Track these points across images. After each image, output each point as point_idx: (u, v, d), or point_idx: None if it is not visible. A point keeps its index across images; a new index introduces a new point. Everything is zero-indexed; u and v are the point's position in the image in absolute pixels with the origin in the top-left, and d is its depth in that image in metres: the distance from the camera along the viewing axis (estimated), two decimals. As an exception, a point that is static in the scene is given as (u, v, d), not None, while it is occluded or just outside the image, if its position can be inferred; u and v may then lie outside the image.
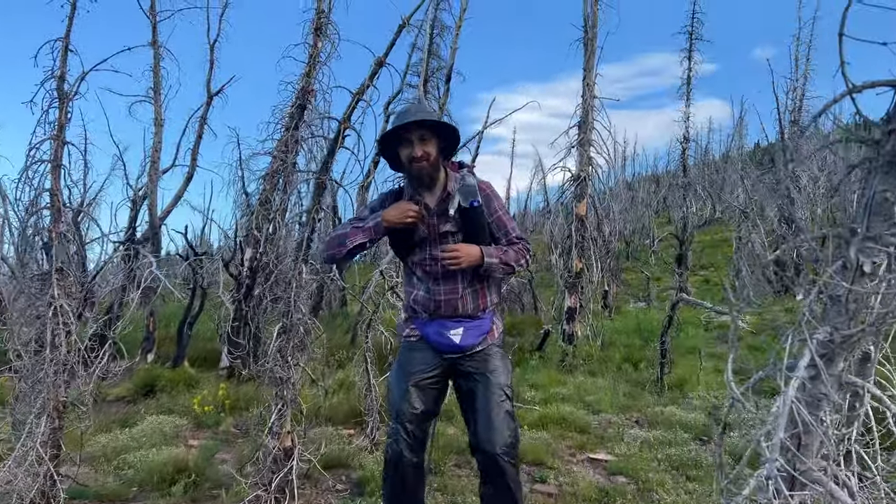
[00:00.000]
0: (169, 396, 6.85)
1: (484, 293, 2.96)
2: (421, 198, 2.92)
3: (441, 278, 2.91)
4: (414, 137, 2.81)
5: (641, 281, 27.07)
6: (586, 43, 10.24)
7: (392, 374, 3.00)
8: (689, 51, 19.74)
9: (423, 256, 2.94)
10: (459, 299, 2.90)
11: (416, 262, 2.99)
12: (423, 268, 2.95)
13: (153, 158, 9.33)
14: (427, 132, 2.83)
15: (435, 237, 2.91)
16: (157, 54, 9.13)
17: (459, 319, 2.90)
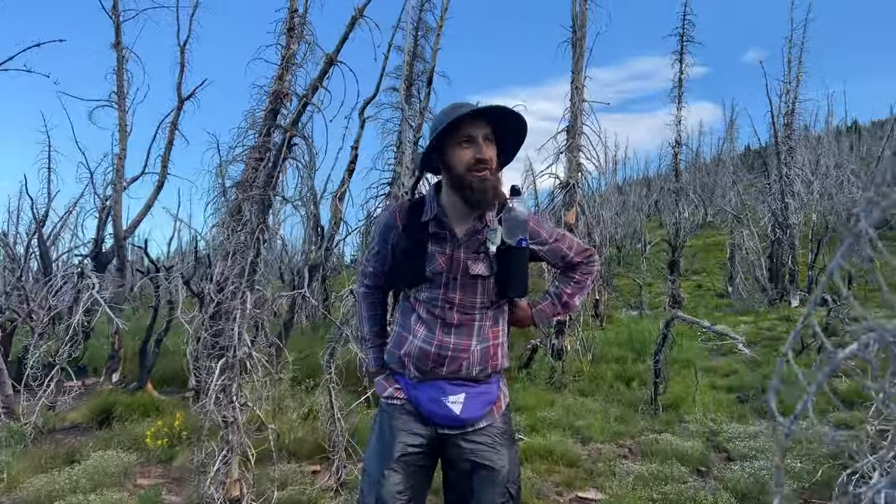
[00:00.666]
0: (123, 426, 6.32)
1: (496, 352, 2.31)
2: (447, 222, 2.25)
3: (454, 327, 2.23)
4: (479, 135, 2.14)
5: (633, 287, 26.72)
6: (574, 44, 9.80)
7: (368, 449, 2.33)
8: (681, 53, 19.36)
9: (436, 296, 2.24)
10: (468, 357, 2.23)
11: (421, 299, 2.27)
12: (432, 310, 2.25)
13: (117, 167, 8.81)
14: (489, 130, 2.18)
15: (456, 275, 2.24)
16: (120, 56, 8.62)
17: (461, 383, 2.25)
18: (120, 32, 8.56)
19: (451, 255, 2.22)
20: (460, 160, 2.15)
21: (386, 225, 2.37)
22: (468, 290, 2.23)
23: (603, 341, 11.37)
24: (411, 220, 2.29)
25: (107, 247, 9.87)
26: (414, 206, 2.33)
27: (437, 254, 2.23)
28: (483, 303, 2.26)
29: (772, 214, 17.96)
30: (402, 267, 2.29)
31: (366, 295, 2.52)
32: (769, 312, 15.88)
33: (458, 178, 2.16)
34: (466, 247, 2.23)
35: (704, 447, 5.79)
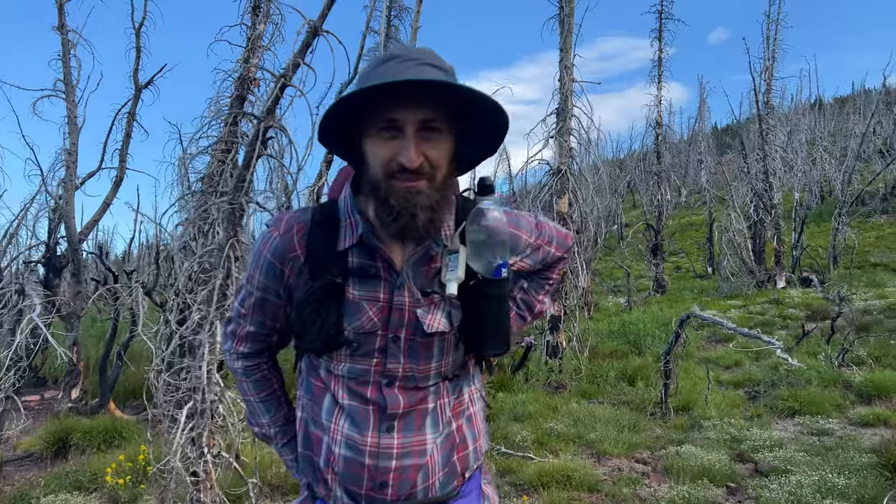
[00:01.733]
0: (81, 460, 5.61)
1: (466, 437, 1.47)
2: (379, 246, 1.32)
3: (398, 418, 1.35)
4: (411, 122, 1.22)
5: (612, 270, 26.41)
6: (562, 20, 9.17)
7: None
8: (660, 31, 18.87)
9: (365, 369, 1.35)
10: (424, 465, 1.36)
11: (340, 373, 1.37)
12: (359, 391, 1.36)
13: (67, 164, 7.98)
14: (440, 117, 1.25)
15: (399, 334, 1.35)
16: (65, 41, 7.76)
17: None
18: (63, 13, 7.69)
19: (387, 302, 1.33)
20: (375, 157, 1.26)
21: (275, 253, 1.38)
22: (419, 355, 1.36)
23: (594, 333, 10.87)
24: (318, 245, 1.36)
25: (61, 249, 9.04)
26: (321, 220, 1.37)
27: (365, 301, 1.33)
28: (441, 371, 1.40)
29: (755, 195, 17.62)
30: (305, 324, 1.34)
31: (247, 371, 1.53)
32: (757, 295, 15.56)
33: (370, 182, 1.28)
34: (413, 284, 1.35)
35: (730, 459, 5.29)
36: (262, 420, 1.57)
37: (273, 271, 1.38)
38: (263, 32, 8.11)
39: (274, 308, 1.44)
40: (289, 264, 1.36)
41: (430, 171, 1.24)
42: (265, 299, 1.43)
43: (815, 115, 45.86)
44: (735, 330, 5.62)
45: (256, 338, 1.50)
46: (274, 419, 1.57)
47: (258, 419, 1.57)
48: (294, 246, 1.36)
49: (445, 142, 1.27)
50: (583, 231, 9.29)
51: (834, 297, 11.95)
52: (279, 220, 1.41)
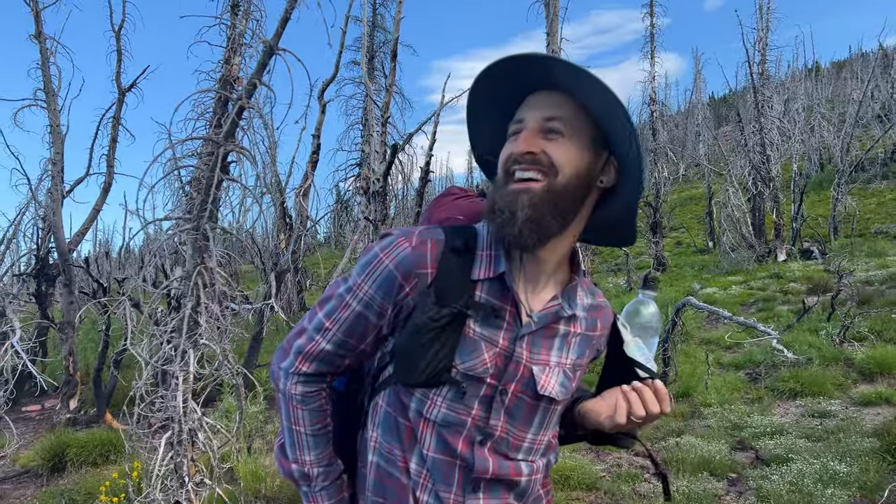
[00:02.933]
0: (77, 476, 5.57)
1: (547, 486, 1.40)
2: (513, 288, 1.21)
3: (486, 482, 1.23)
4: (533, 117, 1.17)
5: (609, 248, 26.26)
6: (548, 4, 9.01)
7: None
8: (651, 6, 18.61)
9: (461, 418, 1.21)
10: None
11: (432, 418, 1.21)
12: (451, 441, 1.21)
13: (53, 173, 7.87)
14: (570, 118, 1.16)
15: (507, 387, 1.22)
16: (43, 49, 7.62)
17: None
18: (40, 21, 7.53)
19: (505, 350, 1.21)
20: (501, 159, 1.20)
21: (401, 265, 1.19)
22: (520, 418, 1.24)
23: (595, 317, 10.79)
24: (453, 268, 1.20)
25: (53, 259, 8.98)
26: (459, 244, 1.22)
27: (484, 342, 1.20)
28: (535, 447, 1.28)
29: (752, 167, 17.47)
30: (415, 352, 1.17)
31: (307, 398, 1.29)
32: (758, 270, 15.46)
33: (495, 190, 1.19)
34: (536, 339, 1.23)
35: (730, 448, 5.24)
36: (305, 457, 1.31)
37: (391, 284, 1.19)
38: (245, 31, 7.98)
39: (366, 327, 1.24)
40: (413, 281, 1.18)
41: (547, 168, 1.13)
42: (363, 315, 1.23)
43: (812, 81, 45.50)
44: (731, 319, 5.55)
45: (329, 358, 1.27)
46: (320, 458, 1.32)
47: (300, 455, 1.31)
48: (426, 262, 1.19)
49: (573, 146, 1.15)
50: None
51: (834, 269, 11.87)
52: (409, 232, 1.23)
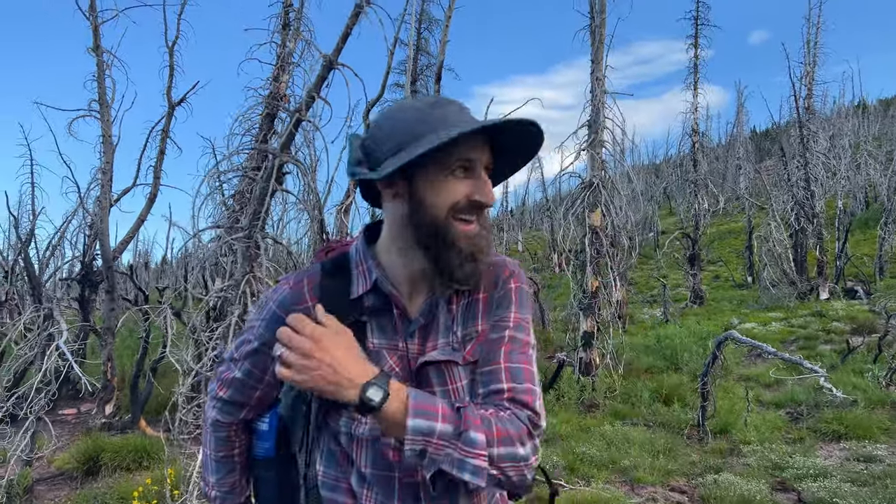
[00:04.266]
0: (111, 480, 5.64)
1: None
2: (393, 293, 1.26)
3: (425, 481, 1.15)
4: (481, 161, 1.22)
5: (648, 280, 25.95)
6: (593, 31, 9.02)
7: None
8: (695, 37, 18.51)
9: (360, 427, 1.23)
10: None
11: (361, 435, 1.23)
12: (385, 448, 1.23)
13: (102, 182, 8.09)
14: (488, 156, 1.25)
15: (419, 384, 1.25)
16: (100, 61, 7.88)
17: None
18: (98, 35, 7.81)
19: (405, 351, 1.26)
20: (445, 196, 1.19)
21: (282, 305, 1.29)
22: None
23: (629, 347, 10.64)
24: (330, 293, 1.27)
25: (97, 265, 9.19)
26: (332, 270, 1.31)
27: (385, 350, 1.26)
28: None
29: (795, 203, 17.13)
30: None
31: (217, 425, 1.42)
32: (799, 308, 15.08)
33: (432, 224, 1.19)
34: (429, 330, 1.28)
35: (771, 488, 5.07)
36: (209, 477, 1.48)
37: (276, 323, 1.18)
38: (294, 49, 8.13)
39: (265, 361, 1.30)
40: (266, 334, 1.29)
41: (487, 213, 1.25)
42: (259, 351, 1.31)
43: (859, 118, 44.67)
44: (776, 354, 5.40)
45: (239, 387, 1.36)
46: (220, 482, 1.47)
47: (206, 475, 1.49)
48: (304, 298, 1.27)
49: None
50: (616, 244, 9.10)
51: (881, 310, 11.52)
52: (290, 276, 1.37)
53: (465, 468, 1.07)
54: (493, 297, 1.30)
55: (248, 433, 1.47)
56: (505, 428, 1.12)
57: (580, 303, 8.97)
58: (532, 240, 43.20)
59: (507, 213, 44.99)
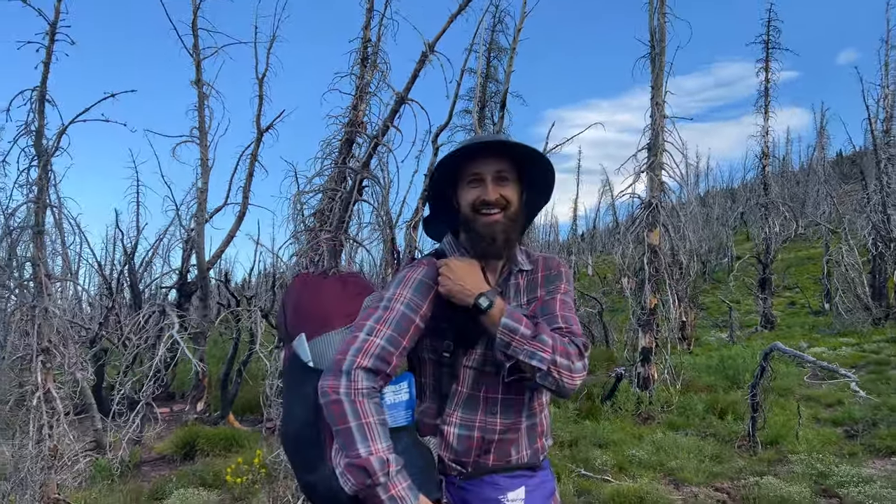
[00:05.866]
0: (205, 461, 6.37)
1: (541, 426, 1.86)
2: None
3: (501, 399, 1.77)
4: (488, 174, 1.78)
5: (719, 303, 25.54)
6: (654, 59, 9.43)
7: None
8: (766, 61, 18.48)
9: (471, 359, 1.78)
10: (518, 437, 1.79)
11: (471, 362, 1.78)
12: (464, 379, 1.78)
13: (199, 201, 9.04)
14: (508, 168, 1.81)
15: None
16: (200, 93, 8.87)
17: (515, 474, 1.78)
18: (200, 70, 8.81)
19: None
20: (466, 199, 1.81)
21: (427, 276, 1.78)
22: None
23: (691, 367, 10.81)
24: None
25: (192, 276, 10.14)
26: (440, 257, 1.86)
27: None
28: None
29: (872, 227, 16.77)
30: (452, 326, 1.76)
31: (370, 391, 1.64)
32: (873, 333, 14.75)
33: (464, 218, 1.82)
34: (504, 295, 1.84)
35: (812, 492, 5.30)
36: (379, 445, 1.57)
37: (425, 289, 1.75)
38: (371, 80, 8.88)
39: (410, 324, 1.71)
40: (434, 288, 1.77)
41: (504, 204, 1.78)
42: (407, 315, 1.71)
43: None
44: (813, 363, 5.63)
45: (383, 354, 1.65)
46: (389, 446, 1.59)
47: (374, 445, 1.56)
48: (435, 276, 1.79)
49: (514, 186, 1.83)
50: (674, 264, 9.39)
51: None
52: (421, 259, 1.90)
53: (534, 357, 1.63)
54: (549, 276, 1.89)
55: None
56: (565, 345, 1.67)
57: (639, 319, 9.28)
58: (602, 264, 43.00)
59: (576, 236, 44.80)
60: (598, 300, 15.00)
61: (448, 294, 1.71)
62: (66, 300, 12.84)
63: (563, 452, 6.45)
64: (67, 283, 11.69)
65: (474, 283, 1.71)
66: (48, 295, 3.26)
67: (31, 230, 3.18)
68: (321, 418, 1.67)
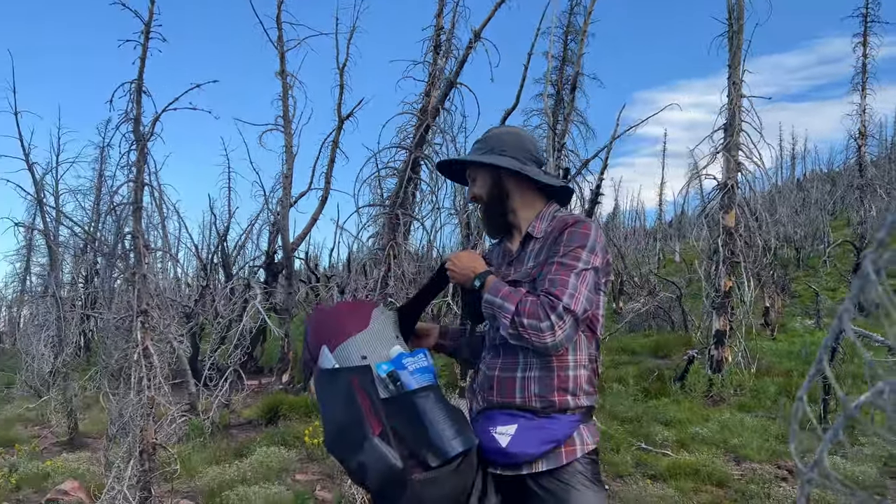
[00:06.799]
0: (287, 424, 6.89)
1: (563, 380, 1.96)
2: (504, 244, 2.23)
3: (500, 346, 2.04)
4: (468, 177, 2.24)
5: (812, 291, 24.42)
6: (731, 37, 9.24)
7: None
8: (864, 36, 17.51)
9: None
10: (519, 380, 1.98)
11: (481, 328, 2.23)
12: (488, 331, 2.16)
13: (284, 186, 9.60)
14: (475, 169, 2.21)
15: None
16: (284, 84, 9.40)
17: (515, 413, 1.96)
18: (284, 61, 9.34)
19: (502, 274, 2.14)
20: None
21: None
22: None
23: (772, 353, 10.58)
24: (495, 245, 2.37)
25: (278, 258, 10.78)
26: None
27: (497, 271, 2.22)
28: None
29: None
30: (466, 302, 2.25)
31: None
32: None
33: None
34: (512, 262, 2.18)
35: (879, 473, 5.23)
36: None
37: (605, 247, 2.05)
38: (444, 67, 9.16)
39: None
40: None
41: (480, 199, 2.21)
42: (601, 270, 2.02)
43: None
44: (882, 342, 5.50)
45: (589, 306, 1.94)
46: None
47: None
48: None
49: (483, 182, 2.19)
50: (750, 245, 9.22)
51: None
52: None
53: (502, 324, 1.90)
54: (555, 239, 2.04)
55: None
56: (533, 307, 1.86)
57: (713, 302, 9.19)
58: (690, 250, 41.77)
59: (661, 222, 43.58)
60: (676, 284, 14.76)
61: (455, 280, 2.09)
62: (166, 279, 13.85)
63: (626, 427, 6.58)
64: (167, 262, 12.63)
65: (469, 267, 2.06)
66: (146, 264, 3.73)
67: (130, 206, 3.66)
68: (355, 401, 1.83)
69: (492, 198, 2.17)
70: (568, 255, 1.94)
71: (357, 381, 1.85)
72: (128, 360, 3.75)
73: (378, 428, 1.79)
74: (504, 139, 2.19)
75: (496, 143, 2.18)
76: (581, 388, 1.97)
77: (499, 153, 2.14)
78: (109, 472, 3.78)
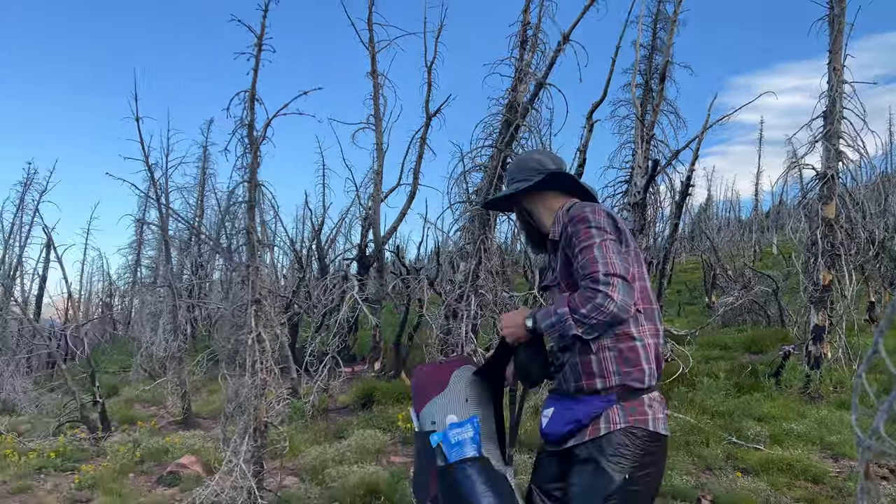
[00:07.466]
0: (381, 409, 7.23)
1: (589, 367, 2.09)
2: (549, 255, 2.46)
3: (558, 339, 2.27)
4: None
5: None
6: (832, 21, 8.86)
7: None
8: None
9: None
10: (565, 369, 2.18)
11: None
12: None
13: (375, 181, 9.96)
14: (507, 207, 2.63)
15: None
16: (375, 83, 9.73)
17: (558, 397, 2.22)
18: (375, 62, 9.66)
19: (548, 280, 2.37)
20: None
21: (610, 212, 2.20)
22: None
23: (878, 350, 10.10)
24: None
25: (369, 251, 11.18)
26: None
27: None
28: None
29: None
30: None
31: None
32: None
33: None
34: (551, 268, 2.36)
35: None
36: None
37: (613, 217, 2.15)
38: (531, 61, 9.24)
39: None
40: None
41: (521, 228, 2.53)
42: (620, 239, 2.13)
43: None
44: None
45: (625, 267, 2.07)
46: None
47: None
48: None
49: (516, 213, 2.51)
50: (853, 237, 8.85)
51: None
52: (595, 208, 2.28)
53: (570, 329, 2.03)
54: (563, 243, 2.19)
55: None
56: (581, 296, 2.00)
57: (811, 297, 8.88)
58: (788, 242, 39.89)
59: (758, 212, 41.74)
60: (772, 278, 14.24)
61: (515, 338, 2.21)
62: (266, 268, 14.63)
63: (716, 421, 6.52)
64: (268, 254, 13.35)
65: (519, 319, 2.19)
66: (259, 257, 4.07)
67: (245, 205, 4.00)
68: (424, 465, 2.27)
69: (522, 222, 2.46)
70: (581, 241, 2.08)
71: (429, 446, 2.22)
72: (243, 344, 4.11)
73: (434, 491, 2.19)
74: (511, 171, 2.46)
75: (509, 178, 2.46)
76: (608, 370, 2.07)
77: (510, 184, 2.42)
78: (227, 446, 4.15)
